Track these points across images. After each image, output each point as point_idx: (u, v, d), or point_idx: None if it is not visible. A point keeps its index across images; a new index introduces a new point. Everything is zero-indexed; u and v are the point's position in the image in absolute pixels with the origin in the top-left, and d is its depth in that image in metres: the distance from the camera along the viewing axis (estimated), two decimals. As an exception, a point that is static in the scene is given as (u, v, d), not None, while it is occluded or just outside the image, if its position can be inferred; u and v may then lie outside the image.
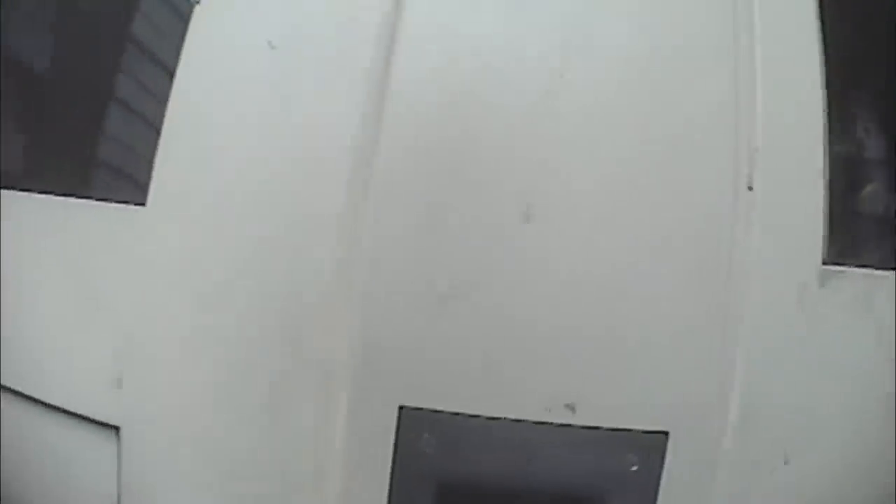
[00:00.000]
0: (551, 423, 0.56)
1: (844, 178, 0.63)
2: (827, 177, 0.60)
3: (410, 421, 0.55)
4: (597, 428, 0.56)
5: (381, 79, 0.56)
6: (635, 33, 0.58)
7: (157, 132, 0.60)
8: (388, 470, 0.56)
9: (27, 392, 0.63)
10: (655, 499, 0.57)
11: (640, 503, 0.57)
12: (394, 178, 0.56)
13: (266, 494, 0.58)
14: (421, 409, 0.55)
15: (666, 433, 0.57)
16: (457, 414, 0.56)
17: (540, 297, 0.56)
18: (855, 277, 0.61)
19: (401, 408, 0.55)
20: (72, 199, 0.63)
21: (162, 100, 0.60)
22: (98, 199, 0.62)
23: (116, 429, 0.60)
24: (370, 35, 0.57)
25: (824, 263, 0.60)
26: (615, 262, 0.57)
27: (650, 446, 0.57)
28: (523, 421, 0.56)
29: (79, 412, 0.61)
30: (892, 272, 0.63)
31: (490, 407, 0.56)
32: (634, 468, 0.57)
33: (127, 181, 0.63)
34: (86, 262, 0.62)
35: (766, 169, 0.59)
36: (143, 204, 0.60)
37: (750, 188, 0.58)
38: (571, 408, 0.56)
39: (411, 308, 0.56)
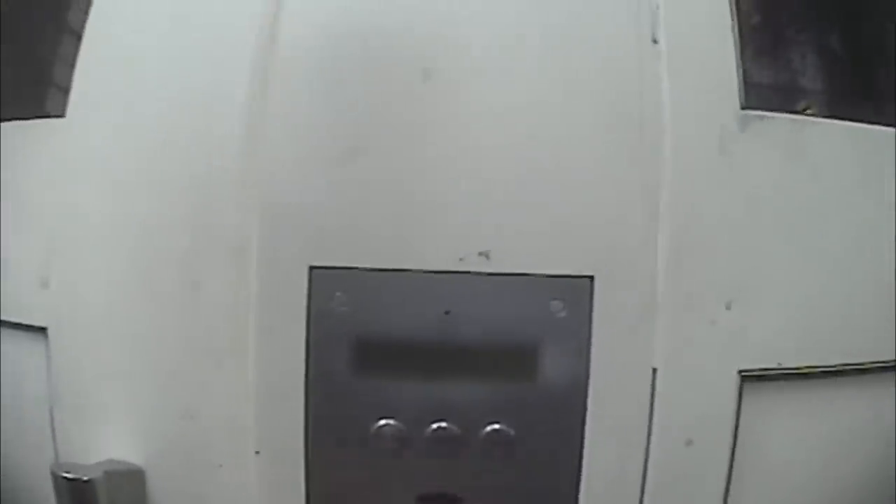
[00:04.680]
0: (466, 272, 0.54)
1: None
2: (736, 27, 0.59)
3: (321, 281, 0.54)
4: (515, 274, 0.54)
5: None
6: None
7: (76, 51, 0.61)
8: (304, 333, 0.54)
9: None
10: (590, 347, 0.55)
11: (575, 352, 0.54)
12: (295, 53, 0.56)
13: (189, 372, 0.56)
14: (331, 267, 0.54)
15: (591, 277, 0.54)
16: (368, 270, 0.54)
17: (443, 151, 0.55)
18: (780, 122, 0.59)
19: (311, 268, 0.54)
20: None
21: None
22: (22, 119, 0.64)
23: (44, 330, 0.60)
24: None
25: (743, 108, 0.58)
26: (520, 116, 0.55)
27: (575, 291, 0.54)
28: (436, 272, 0.54)
29: (8, 319, 0.62)
30: (826, 120, 0.62)
31: (400, 260, 0.54)
32: (562, 314, 0.54)
33: (48, 97, 0.64)
34: (15, 177, 0.63)
35: (669, 23, 0.58)
36: (62, 116, 0.61)
37: (655, 41, 0.57)
38: (486, 255, 0.54)
39: (314, 172, 0.55)
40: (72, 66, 0.62)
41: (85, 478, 0.57)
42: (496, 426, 0.55)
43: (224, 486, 0.57)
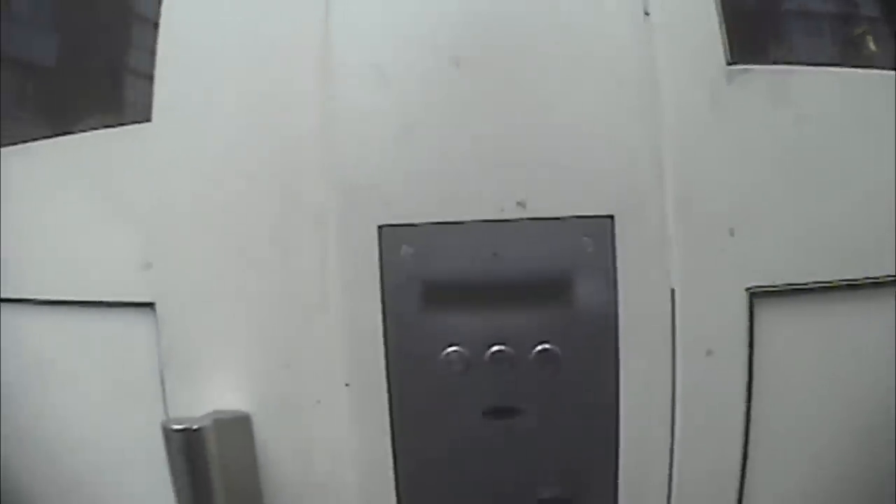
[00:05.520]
0: (507, 220, 0.65)
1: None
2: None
3: (389, 237, 0.65)
4: (546, 219, 0.65)
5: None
6: None
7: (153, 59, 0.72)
8: (378, 282, 0.65)
9: (65, 297, 0.74)
10: (616, 277, 0.66)
11: (603, 281, 0.65)
12: (347, 55, 0.67)
13: (284, 326, 0.67)
14: (397, 225, 0.65)
15: (611, 217, 0.65)
16: (427, 224, 0.65)
17: (479, 122, 0.66)
18: (762, 73, 0.69)
19: (380, 227, 0.65)
20: (93, 133, 0.75)
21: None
22: (113, 126, 0.74)
23: (151, 305, 0.70)
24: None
25: (729, 64, 0.68)
26: (537, 88, 0.66)
27: (600, 229, 0.65)
28: (483, 221, 0.65)
29: (115, 300, 0.72)
30: (806, 67, 0.72)
31: (453, 214, 0.65)
32: (590, 249, 0.65)
33: (134, 105, 0.75)
34: (109, 178, 0.73)
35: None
36: (149, 120, 0.71)
37: (647, 13, 0.68)
38: (522, 204, 0.65)
39: (377, 148, 0.66)
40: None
41: (194, 427, 0.64)
42: (546, 346, 0.66)
43: (321, 418, 0.67)
